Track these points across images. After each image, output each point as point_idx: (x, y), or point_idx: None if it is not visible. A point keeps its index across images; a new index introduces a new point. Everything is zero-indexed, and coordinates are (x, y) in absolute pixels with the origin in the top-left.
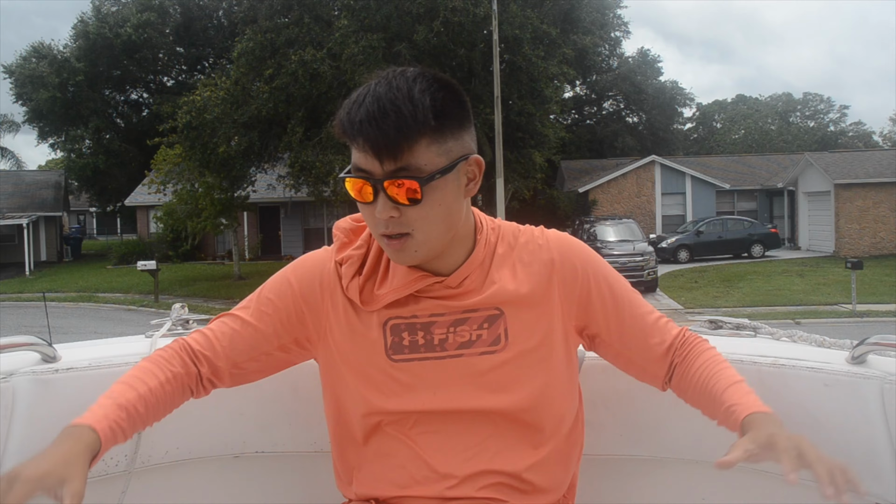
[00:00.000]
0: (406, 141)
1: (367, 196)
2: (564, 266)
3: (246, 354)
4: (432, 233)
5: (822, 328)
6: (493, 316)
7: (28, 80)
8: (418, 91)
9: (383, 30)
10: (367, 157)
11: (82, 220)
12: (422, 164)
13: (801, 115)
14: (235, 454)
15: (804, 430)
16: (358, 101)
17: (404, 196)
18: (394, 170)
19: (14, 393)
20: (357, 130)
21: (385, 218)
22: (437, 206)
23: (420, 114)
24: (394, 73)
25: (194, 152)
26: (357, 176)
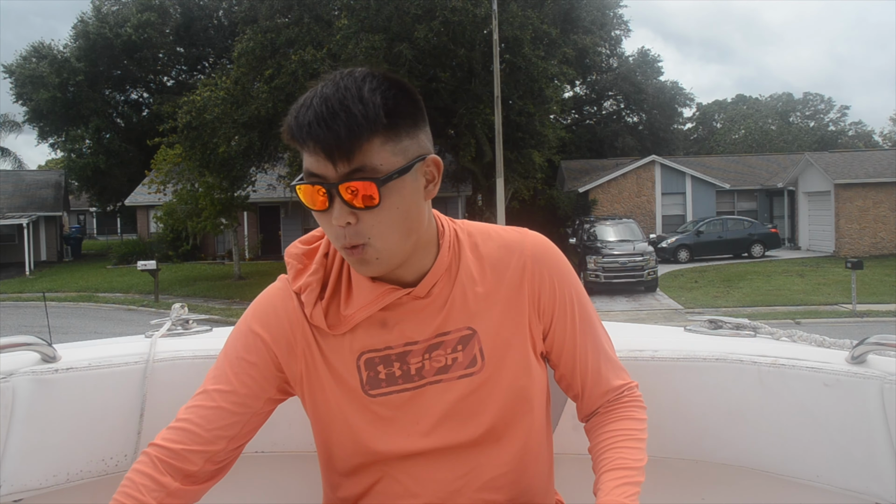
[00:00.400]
0: (358, 140)
1: (321, 203)
2: (535, 274)
3: (238, 425)
4: (391, 238)
5: (822, 328)
6: (466, 336)
7: (28, 80)
8: (368, 90)
9: (384, 30)
10: (318, 161)
11: (82, 219)
12: (377, 164)
13: (801, 115)
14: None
15: (804, 430)
16: (305, 104)
17: (360, 200)
18: (348, 172)
19: (14, 393)
20: (306, 133)
21: (342, 225)
22: (395, 209)
23: (371, 112)
24: (341, 75)
25: (194, 152)
26: (309, 182)
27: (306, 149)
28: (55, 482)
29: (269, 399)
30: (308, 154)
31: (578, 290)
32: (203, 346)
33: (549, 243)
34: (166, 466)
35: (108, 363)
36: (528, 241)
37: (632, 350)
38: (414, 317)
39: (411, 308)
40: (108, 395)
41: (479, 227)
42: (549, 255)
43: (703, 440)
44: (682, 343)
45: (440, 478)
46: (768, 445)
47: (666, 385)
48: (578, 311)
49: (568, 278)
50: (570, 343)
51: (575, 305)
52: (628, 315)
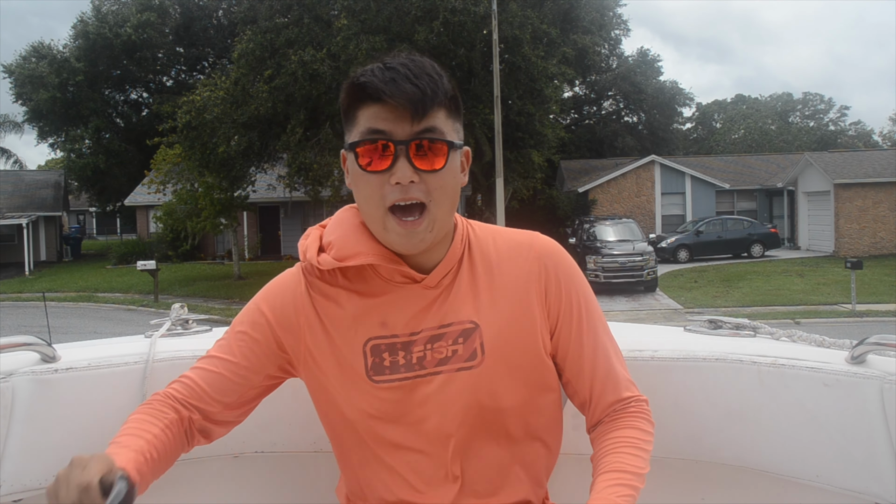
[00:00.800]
0: (435, 102)
1: (382, 162)
2: (542, 274)
3: (235, 393)
4: (445, 207)
5: (821, 328)
6: (468, 330)
7: (28, 80)
8: (437, 67)
9: (384, 31)
10: (391, 117)
11: (82, 219)
12: (445, 130)
13: (800, 114)
14: (235, 454)
15: (804, 429)
16: (379, 68)
17: (427, 160)
18: (420, 131)
19: (14, 393)
20: (392, 87)
21: (406, 183)
22: (451, 178)
23: (445, 83)
24: (406, 55)
25: (194, 152)
26: (373, 138)
27: (382, 102)
28: None
29: (268, 375)
30: (377, 111)
31: (587, 295)
32: (203, 346)
33: (558, 246)
34: (177, 403)
35: (108, 363)
36: (537, 242)
37: (632, 350)
38: (423, 306)
39: (421, 297)
40: (107, 395)
41: (490, 227)
42: (557, 257)
43: (702, 440)
44: (681, 343)
45: (435, 471)
46: (768, 445)
47: (666, 385)
48: (586, 315)
49: (576, 282)
50: (575, 346)
51: (582, 309)
52: (628, 315)
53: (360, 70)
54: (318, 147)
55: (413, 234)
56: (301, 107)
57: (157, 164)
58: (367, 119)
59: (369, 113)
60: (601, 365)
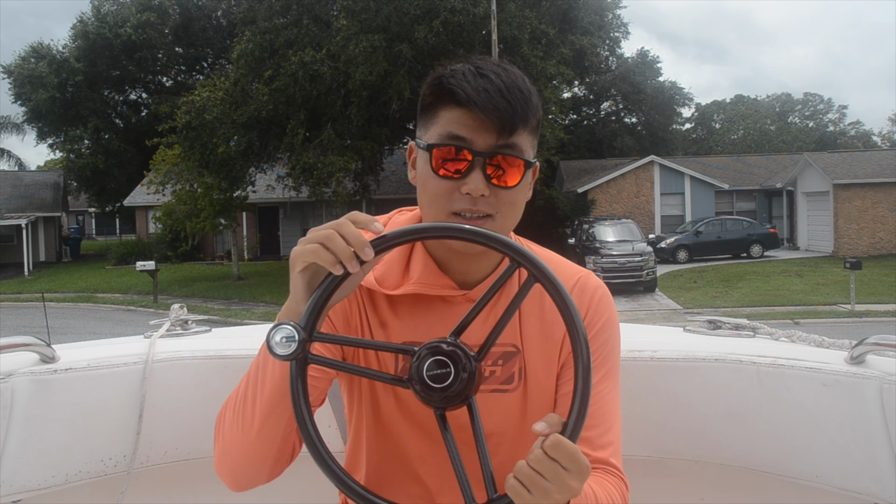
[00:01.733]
0: (523, 120)
1: (457, 169)
2: (591, 322)
3: (313, 397)
4: (509, 222)
5: (820, 328)
6: (509, 353)
7: (27, 81)
8: (529, 82)
9: (384, 31)
10: (476, 126)
11: (81, 220)
12: (525, 148)
13: (800, 115)
14: None
15: (803, 430)
16: (472, 73)
17: (503, 176)
18: (502, 145)
19: (13, 393)
20: (484, 96)
21: (477, 195)
22: (521, 195)
23: (535, 99)
24: (493, 61)
25: (193, 152)
26: (453, 143)
27: (469, 110)
28: (54, 483)
29: (328, 376)
30: (462, 116)
31: (614, 336)
32: (202, 347)
33: (604, 289)
34: None
35: (107, 363)
36: (585, 281)
37: (631, 350)
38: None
39: (464, 309)
40: (107, 395)
41: (548, 253)
42: (598, 300)
43: (702, 440)
44: (681, 343)
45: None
46: (767, 446)
47: (665, 385)
48: (605, 353)
49: (607, 331)
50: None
51: (605, 346)
52: (627, 315)
53: (449, 69)
54: (321, 147)
55: None
56: (301, 107)
57: (156, 164)
58: (448, 122)
59: (452, 116)
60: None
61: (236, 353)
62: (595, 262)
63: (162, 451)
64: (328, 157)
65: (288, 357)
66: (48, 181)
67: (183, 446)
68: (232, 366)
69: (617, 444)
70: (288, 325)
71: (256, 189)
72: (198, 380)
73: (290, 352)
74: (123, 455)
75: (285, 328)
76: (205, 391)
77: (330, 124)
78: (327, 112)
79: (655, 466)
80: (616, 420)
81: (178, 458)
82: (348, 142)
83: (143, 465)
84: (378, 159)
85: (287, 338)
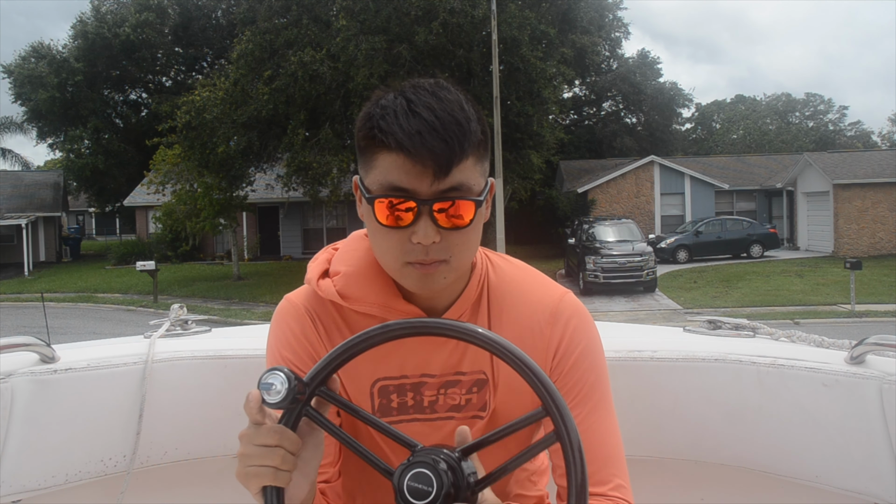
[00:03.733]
0: (463, 157)
1: (404, 219)
2: (556, 330)
3: (330, 450)
4: (467, 259)
5: (820, 328)
6: (480, 381)
7: (27, 80)
8: (465, 102)
9: (383, 32)
10: (414, 173)
11: (81, 220)
12: (471, 183)
13: (800, 115)
14: (234, 454)
15: (803, 430)
16: (403, 110)
17: (452, 219)
18: (445, 189)
19: (13, 393)
20: (416, 141)
21: (428, 243)
22: (476, 230)
23: (473, 127)
24: (428, 83)
25: (193, 152)
26: (394, 195)
27: (404, 156)
28: (54, 483)
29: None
30: (399, 161)
31: (597, 371)
32: (202, 347)
33: (583, 309)
34: None
35: (107, 364)
36: (560, 305)
37: (631, 350)
38: (433, 348)
39: (431, 339)
40: (106, 395)
41: (513, 271)
42: (571, 327)
43: (702, 440)
44: (681, 343)
45: None
46: (767, 446)
47: (665, 385)
48: (589, 391)
49: (590, 349)
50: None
51: (587, 376)
52: (627, 315)
53: (380, 103)
54: (318, 147)
55: (430, 278)
56: (301, 108)
57: (156, 164)
58: (386, 170)
59: (389, 163)
60: (593, 441)
61: (236, 353)
62: (595, 261)
63: (162, 451)
64: (325, 157)
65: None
66: (48, 181)
67: (183, 446)
68: (232, 366)
69: (621, 478)
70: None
71: (256, 189)
72: (198, 380)
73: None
74: (123, 455)
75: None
76: (205, 391)
77: (328, 124)
78: (326, 111)
79: (655, 466)
80: (614, 450)
81: (178, 458)
82: (348, 142)
83: (143, 465)
84: None
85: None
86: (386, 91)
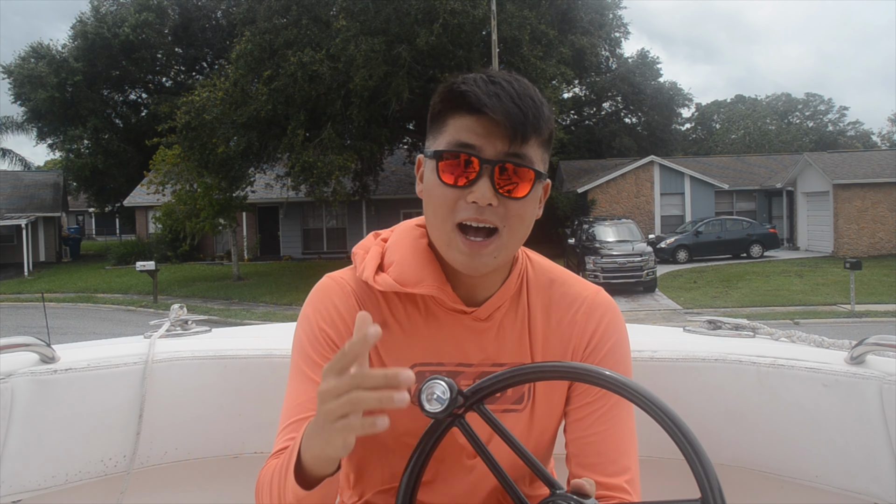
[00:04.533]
0: (535, 129)
1: (464, 177)
2: (587, 325)
3: None
4: (517, 237)
5: (820, 328)
6: None
7: (27, 81)
8: (540, 94)
9: (383, 32)
10: (488, 134)
11: (81, 220)
12: (535, 159)
13: (800, 115)
14: (234, 454)
15: (803, 430)
16: (485, 79)
17: (510, 185)
18: (512, 153)
19: (13, 393)
20: (494, 101)
21: (484, 204)
22: (530, 207)
23: (546, 111)
24: (507, 73)
25: (193, 152)
26: (462, 150)
27: (478, 116)
28: (54, 483)
29: None
30: (471, 123)
31: (625, 359)
32: (202, 347)
33: (616, 306)
34: None
35: (107, 364)
36: (590, 300)
37: (631, 350)
38: (471, 338)
39: (470, 328)
40: (106, 395)
41: (550, 268)
42: (605, 322)
43: (702, 440)
44: (681, 343)
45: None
46: (767, 446)
47: (665, 385)
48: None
49: (620, 344)
50: (590, 407)
51: (616, 370)
52: (627, 315)
53: (460, 77)
54: (321, 147)
55: (478, 255)
56: (301, 108)
57: (156, 164)
58: (457, 130)
59: (461, 124)
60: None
61: (236, 353)
62: (595, 262)
63: (162, 451)
64: (328, 157)
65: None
66: (48, 181)
67: (183, 446)
68: (232, 366)
69: (633, 470)
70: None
71: (256, 189)
72: (198, 380)
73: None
74: (123, 455)
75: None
76: (205, 391)
77: (329, 123)
78: (327, 111)
79: (655, 466)
80: (631, 445)
81: (178, 458)
82: (348, 142)
83: (143, 465)
84: (378, 159)
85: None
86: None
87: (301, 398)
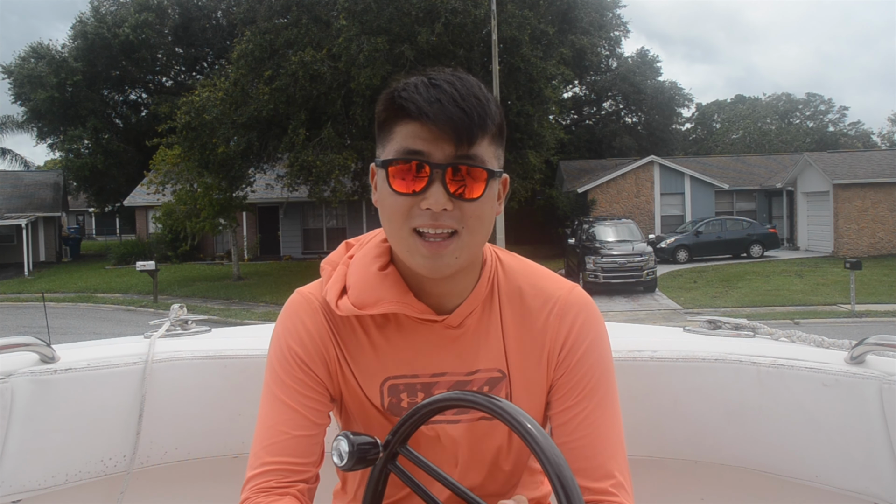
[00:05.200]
0: (481, 128)
1: (416, 184)
2: (562, 323)
3: (317, 445)
4: (478, 236)
5: (820, 328)
6: (494, 379)
7: (26, 80)
8: (486, 91)
9: (385, 32)
10: (431, 139)
11: (81, 220)
12: (486, 158)
13: (800, 115)
14: (234, 454)
15: (803, 430)
16: (426, 84)
17: (464, 187)
18: (462, 156)
19: (13, 393)
20: (437, 108)
21: (438, 210)
22: (487, 207)
23: (493, 107)
24: (451, 71)
25: (193, 152)
26: (409, 158)
27: (423, 122)
28: (54, 483)
29: (327, 413)
30: (417, 129)
31: (604, 366)
32: (202, 347)
33: (591, 303)
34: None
35: (107, 364)
36: (563, 299)
37: (631, 350)
38: (445, 347)
39: (443, 337)
40: (107, 395)
41: (522, 266)
42: (579, 322)
43: (702, 440)
44: (681, 343)
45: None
46: (767, 446)
47: (665, 385)
48: (594, 387)
49: (597, 343)
50: (571, 411)
51: (594, 371)
52: (627, 315)
53: (401, 83)
54: (321, 146)
55: (439, 256)
56: (301, 107)
57: (156, 164)
58: (404, 137)
59: (407, 131)
60: (594, 440)
61: (236, 353)
62: (595, 262)
63: (162, 451)
64: (327, 156)
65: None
66: (48, 181)
67: (183, 446)
68: (232, 366)
69: (622, 474)
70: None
71: (255, 189)
72: (198, 380)
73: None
74: (123, 455)
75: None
76: (205, 391)
77: (330, 123)
78: (328, 111)
79: (655, 466)
80: (618, 447)
81: (178, 458)
82: (349, 142)
83: (143, 465)
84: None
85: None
86: (406, 76)
87: (270, 421)
